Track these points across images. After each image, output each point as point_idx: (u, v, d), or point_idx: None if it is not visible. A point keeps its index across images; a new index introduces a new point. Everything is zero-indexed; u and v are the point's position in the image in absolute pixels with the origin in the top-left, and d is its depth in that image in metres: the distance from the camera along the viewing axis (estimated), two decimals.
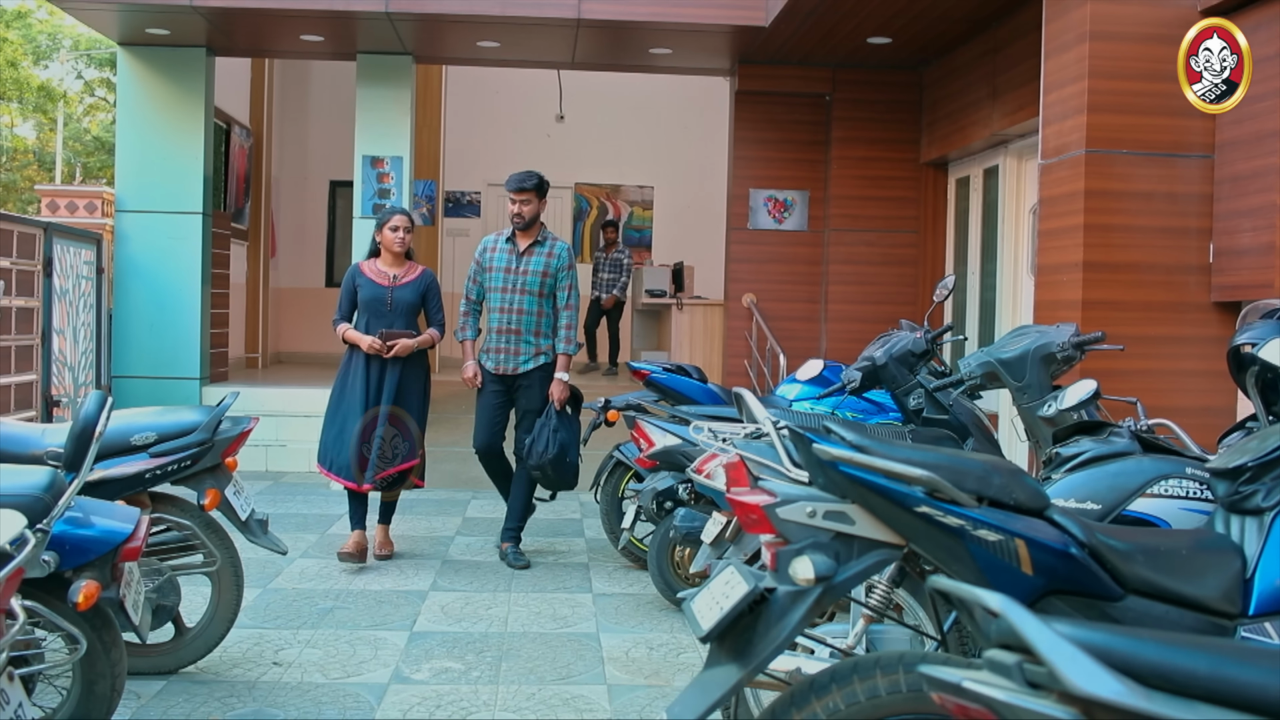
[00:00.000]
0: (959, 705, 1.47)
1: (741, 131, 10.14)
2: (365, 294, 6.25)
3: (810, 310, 10.11)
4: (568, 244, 6.57)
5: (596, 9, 8.70)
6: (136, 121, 9.82)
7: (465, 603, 5.57)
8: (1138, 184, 5.65)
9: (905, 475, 2.12)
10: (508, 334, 6.33)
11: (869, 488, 2.16)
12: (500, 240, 6.47)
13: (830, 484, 2.23)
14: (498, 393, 6.41)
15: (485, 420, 6.44)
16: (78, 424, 3.32)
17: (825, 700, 2.17)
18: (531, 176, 6.33)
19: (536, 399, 6.34)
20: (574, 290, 6.40)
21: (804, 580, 2.12)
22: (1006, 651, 1.49)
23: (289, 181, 14.07)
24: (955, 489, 2.12)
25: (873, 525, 2.21)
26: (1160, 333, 5.70)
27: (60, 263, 8.85)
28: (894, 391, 5.55)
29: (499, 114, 14.38)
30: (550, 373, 6.36)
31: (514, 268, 6.35)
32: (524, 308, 6.31)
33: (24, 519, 2.34)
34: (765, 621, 2.18)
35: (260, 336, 13.09)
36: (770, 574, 2.24)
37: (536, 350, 6.35)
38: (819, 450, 2.17)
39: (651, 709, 4.17)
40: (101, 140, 23.37)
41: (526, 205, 6.31)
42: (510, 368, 6.35)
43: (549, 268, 6.35)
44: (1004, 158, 8.71)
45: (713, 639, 2.17)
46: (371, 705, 4.13)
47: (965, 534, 2.12)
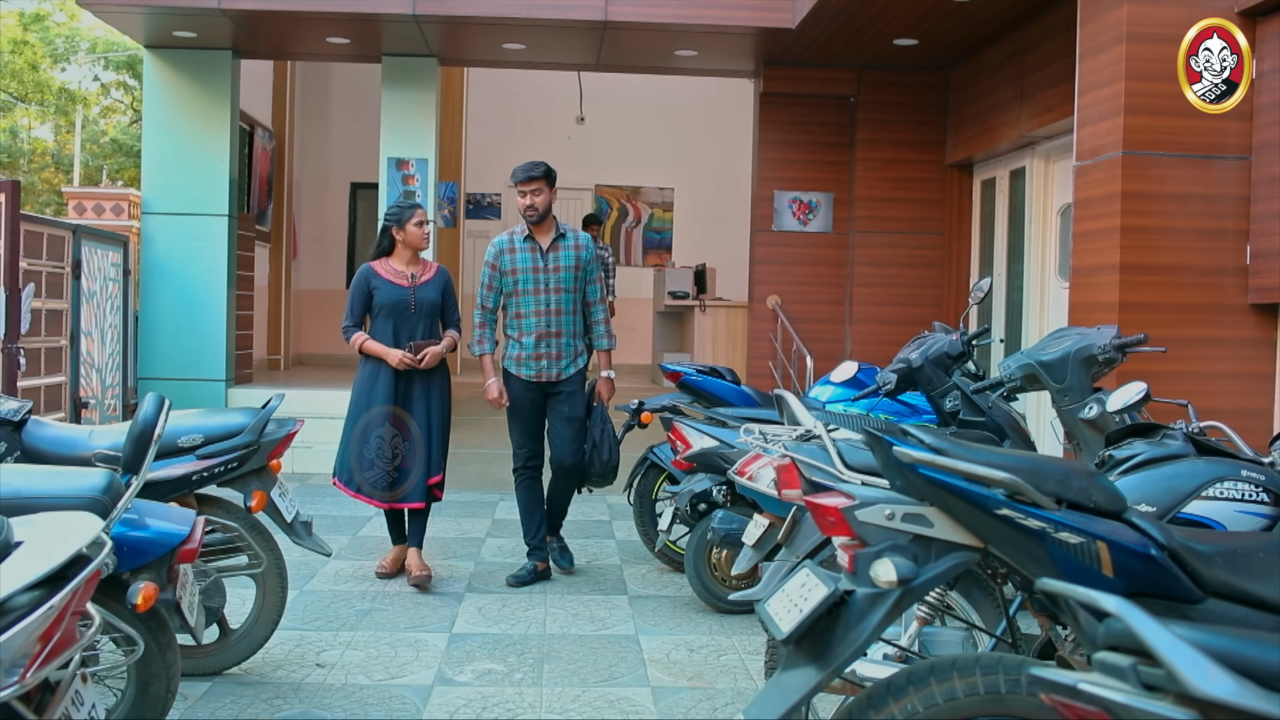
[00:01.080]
0: (1072, 707, 1.47)
1: (766, 133, 10.14)
2: (386, 297, 5.85)
3: (834, 312, 10.10)
4: (589, 236, 6.22)
5: (623, 11, 8.71)
6: (163, 124, 9.86)
7: (502, 604, 5.57)
8: (1174, 186, 5.64)
9: (987, 478, 2.12)
10: (549, 338, 5.90)
11: (949, 490, 2.16)
12: (517, 239, 5.99)
13: (908, 486, 2.23)
14: (534, 401, 5.99)
15: (529, 430, 6.06)
16: (136, 425, 3.34)
17: (903, 702, 2.17)
18: (539, 165, 5.90)
19: (580, 405, 6.01)
20: (604, 281, 6.13)
21: (885, 583, 2.12)
22: (1117, 653, 1.49)
23: (310, 183, 14.10)
24: (1036, 491, 2.11)
25: (951, 528, 2.21)
26: (1197, 335, 5.68)
27: (88, 265, 8.89)
28: (929, 393, 5.55)
29: (519, 116, 14.40)
30: (586, 376, 6.12)
31: (543, 266, 5.92)
32: (563, 307, 5.92)
33: (101, 521, 2.35)
34: (844, 624, 2.18)
35: (282, 338, 13.12)
36: (847, 576, 2.24)
37: (576, 352, 6.01)
38: (899, 453, 2.17)
39: (696, 711, 4.17)
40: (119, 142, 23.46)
41: (538, 195, 5.87)
42: (553, 374, 5.95)
43: (578, 261, 5.97)
44: (1031, 159, 8.69)
45: (792, 642, 2.17)
46: (418, 707, 4.14)
47: (1046, 536, 2.12)
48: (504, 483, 8.90)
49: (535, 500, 6.10)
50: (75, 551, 2.25)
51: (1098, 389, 4.56)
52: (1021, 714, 2.18)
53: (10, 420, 4.14)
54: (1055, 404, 4.69)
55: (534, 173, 5.85)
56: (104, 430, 4.24)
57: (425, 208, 10.14)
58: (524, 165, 5.90)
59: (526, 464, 6.07)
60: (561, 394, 5.98)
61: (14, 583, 2.16)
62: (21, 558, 2.24)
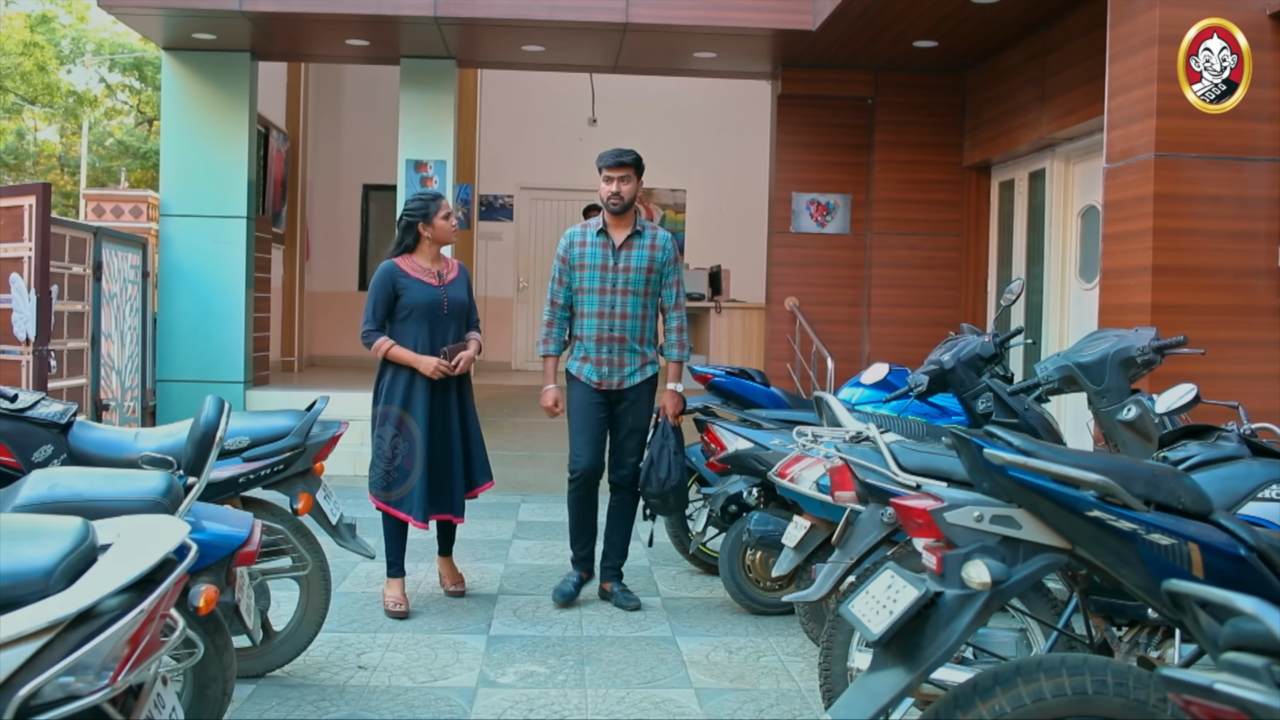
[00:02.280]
0: (1207, 707, 1.48)
1: (783, 135, 10.15)
2: (416, 297, 5.40)
3: (852, 314, 10.11)
4: (670, 234, 5.72)
5: (645, 13, 8.72)
6: (181, 126, 9.86)
7: (536, 606, 5.58)
8: (1206, 188, 5.65)
9: (1080, 480, 2.12)
10: (610, 343, 5.51)
11: (1039, 492, 2.17)
12: (589, 233, 5.57)
13: (996, 488, 2.23)
14: (600, 405, 5.57)
15: (589, 437, 5.56)
16: (198, 428, 3.34)
17: (991, 703, 2.18)
18: (630, 151, 5.52)
19: (643, 416, 5.59)
20: (682, 287, 5.63)
21: (979, 584, 2.13)
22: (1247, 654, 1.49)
23: (322, 185, 14.10)
24: (1128, 493, 2.12)
25: (1039, 529, 2.21)
26: (1228, 336, 5.69)
27: (109, 267, 8.89)
28: (961, 395, 5.56)
29: (531, 117, 14.40)
30: (656, 386, 5.67)
31: (611, 264, 5.50)
32: (627, 311, 5.49)
33: (187, 526, 2.36)
34: (933, 625, 2.19)
35: (296, 340, 13.12)
36: (933, 577, 2.25)
37: (643, 360, 5.56)
38: (990, 455, 2.18)
39: (743, 712, 4.18)
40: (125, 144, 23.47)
41: (625, 184, 5.45)
42: (615, 382, 5.54)
43: (653, 262, 5.52)
44: (1051, 161, 8.70)
45: (883, 643, 2.18)
46: (464, 709, 4.15)
47: (1137, 538, 2.13)
48: (525, 484, 8.92)
49: (586, 511, 5.69)
50: (164, 555, 2.26)
51: (1135, 390, 4.58)
52: (1108, 714, 2.19)
53: (57, 423, 4.15)
54: (1092, 406, 4.70)
55: (624, 158, 5.48)
56: (149, 433, 4.25)
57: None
58: (614, 150, 5.52)
59: (580, 474, 5.60)
60: (626, 403, 5.59)
61: (105, 587, 2.17)
62: (110, 561, 2.24)
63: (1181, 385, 3.95)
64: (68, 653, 2.12)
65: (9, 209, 6.91)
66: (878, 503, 3.63)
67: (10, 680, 2.09)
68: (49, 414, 4.15)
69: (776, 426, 5.55)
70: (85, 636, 2.14)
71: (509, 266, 14.59)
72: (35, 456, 4.11)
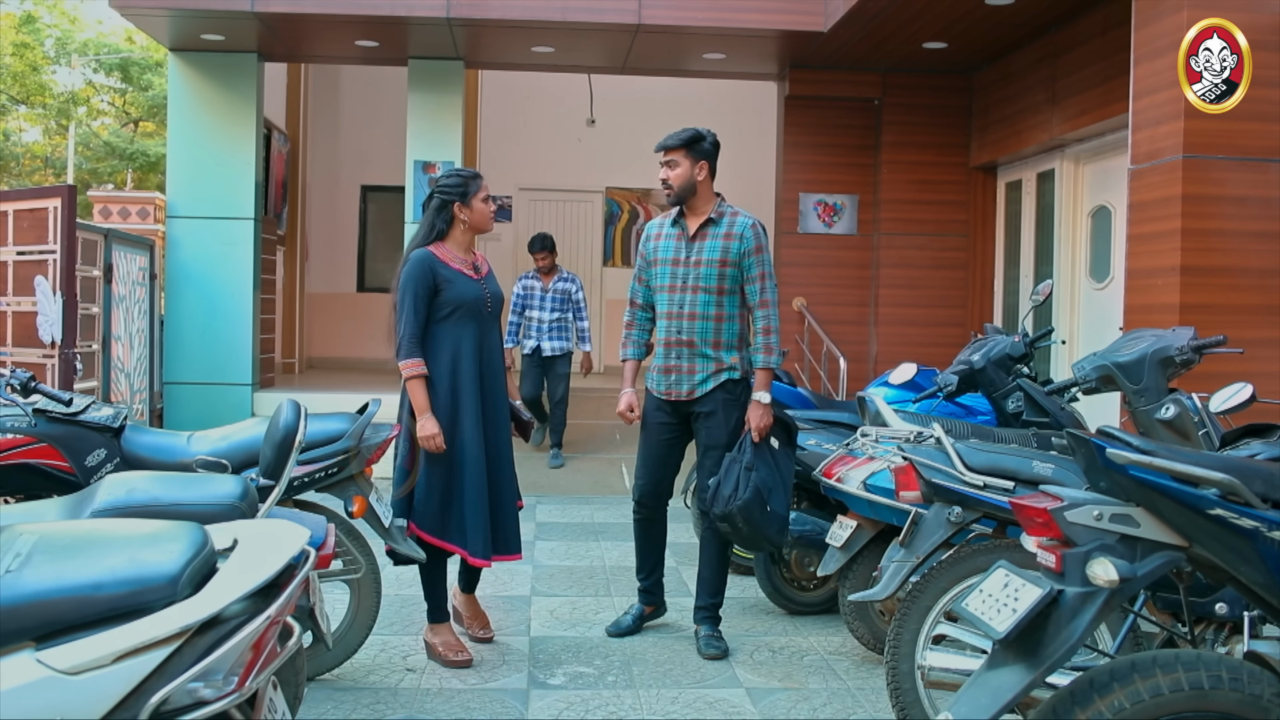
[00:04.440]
0: None
1: (791, 136, 10.19)
2: (459, 293, 4.53)
3: (860, 314, 10.16)
4: (754, 220, 4.93)
5: (657, 14, 8.74)
6: (188, 128, 9.82)
7: (572, 608, 5.58)
8: (1233, 188, 5.72)
9: (1203, 478, 2.15)
10: (678, 346, 4.82)
11: (1160, 491, 2.20)
12: (665, 224, 4.97)
13: (1114, 487, 2.26)
14: (667, 425, 4.93)
15: (648, 457, 5.00)
16: (277, 432, 3.34)
17: (1109, 699, 2.21)
18: (684, 131, 4.84)
19: (722, 431, 4.83)
20: (769, 280, 4.80)
21: (1107, 582, 2.16)
22: None
23: (321, 186, 14.05)
24: (1249, 492, 2.15)
25: (1157, 527, 2.24)
26: (1254, 336, 5.74)
27: (118, 269, 8.84)
28: (991, 394, 5.60)
29: (530, 118, 14.38)
30: (741, 396, 4.88)
31: (683, 258, 4.83)
32: (696, 310, 4.79)
33: (308, 532, 2.36)
34: (1055, 623, 2.21)
35: (297, 341, 13.07)
36: (1050, 575, 2.27)
37: (719, 365, 4.81)
38: (1114, 455, 2.21)
39: (797, 711, 4.20)
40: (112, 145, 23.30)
41: (674, 169, 4.81)
42: (684, 391, 4.84)
43: (729, 254, 4.78)
44: (1061, 161, 8.77)
45: (1009, 641, 2.20)
46: (520, 710, 4.15)
47: (1259, 536, 2.16)
48: (536, 485, 8.92)
49: (645, 540, 5.11)
50: (289, 560, 2.26)
51: (1173, 390, 4.62)
52: (1224, 710, 2.22)
53: (110, 426, 4.14)
54: (1129, 405, 4.74)
55: (669, 141, 4.84)
56: (201, 436, 4.24)
57: None
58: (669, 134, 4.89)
59: (641, 500, 5.05)
60: (699, 415, 4.87)
61: (234, 592, 2.17)
62: (235, 566, 2.24)
63: (1236, 385, 4.00)
64: (197, 658, 2.13)
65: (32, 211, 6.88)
66: (943, 502, 3.66)
67: (141, 686, 2.09)
68: (102, 418, 4.14)
69: (811, 426, 5.57)
70: (213, 642, 2.14)
71: (508, 268, 14.54)
72: (88, 461, 4.10)
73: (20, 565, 2.14)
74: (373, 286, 14.12)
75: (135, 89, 24.07)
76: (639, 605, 5.19)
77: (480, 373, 4.56)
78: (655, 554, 5.15)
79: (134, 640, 2.08)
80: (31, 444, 4.04)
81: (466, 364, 4.52)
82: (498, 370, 4.67)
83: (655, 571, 5.18)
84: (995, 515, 3.71)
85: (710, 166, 4.86)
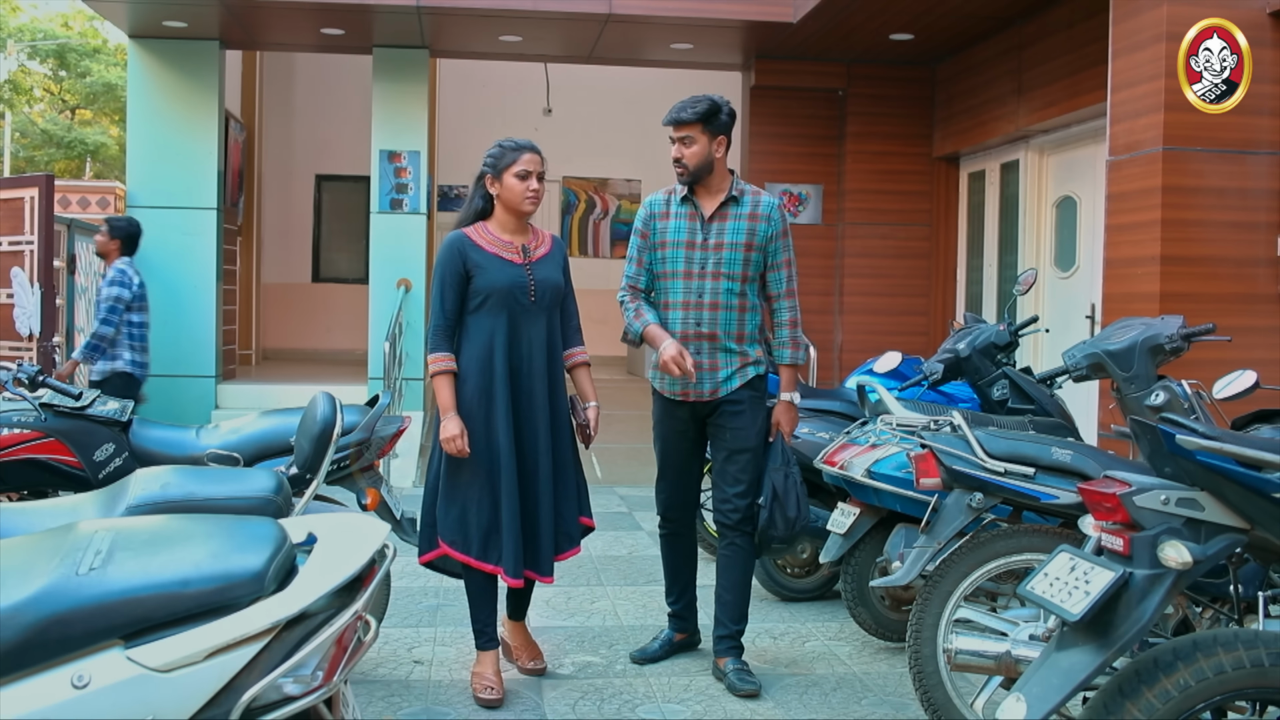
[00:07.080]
0: None
1: (756, 126, 10.24)
2: (495, 278, 4.05)
3: (825, 303, 10.24)
4: (778, 199, 4.62)
5: (629, 4, 8.73)
6: (148, 116, 9.65)
7: (567, 598, 5.60)
8: (1211, 180, 5.85)
9: (1269, 462, 2.23)
10: (697, 340, 4.29)
11: (1226, 475, 2.27)
12: (674, 202, 4.42)
13: (1180, 472, 2.33)
14: (686, 427, 4.43)
15: (672, 467, 4.52)
16: (314, 425, 3.32)
17: (1175, 676, 2.27)
18: (698, 102, 4.33)
19: (749, 432, 4.34)
20: (794, 268, 4.44)
21: (1179, 564, 2.22)
22: None
23: (275, 175, 13.87)
24: None
25: (1221, 511, 2.32)
26: (1231, 324, 5.87)
27: (80, 260, 8.68)
28: (976, 382, 5.70)
29: (487, 107, 14.30)
30: (764, 395, 4.46)
31: (699, 241, 4.31)
32: (719, 300, 4.29)
33: (387, 526, 2.35)
34: (1125, 604, 2.28)
35: (253, 333, 12.91)
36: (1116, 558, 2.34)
37: (744, 360, 4.34)
38: (1184, 441, 2.27)
39: (807, 696, 4.26)
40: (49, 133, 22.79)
41: (689, 145, 4.32)
42: (708, 391, 4.33)
43: (755, 236, 4.32)
44: (1025, 152, 8.90)
45: (1083, 623, 2.26)
46: (535, 701, 4.17)
47: None
48: None
49: (673, 557, 4.66)
50: (373, 555, 2.26)
51: (1162, 376, 4.73)
52: None
53: (118, 420, 4.09)
54: (1119, 392, 4.84)
55: (683, 114, 4.33)
56: (210, 429, 4.20)
57: (419, 202, 10.15)
58: (677, 104, 4.41)
59: (666, 515, 4.61)
60: (723, 415, 4.36)
61: (321, 587, 2.17)
62: (319, 562, 2.24)
63: (1239, 371, 4.09)
64: (285, 654, 2.12)
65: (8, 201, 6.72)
66: (964, 489, 3.73)
67: (232, 683, 2.08)
68: (109, 411, 4.09)
69: (804, 415, 5.62)
70: (301, 638, 2.14)
71: None
72: (97, 455, 4.05)
73: (103, 563, 2.11)
74: (328, 277, 13.99)
75: (72, 76, 23.57)
76: (669, 631, 4.70)
77: (513, 370, 4.07)
78: (686, 573, 4.66)
79: (226, 636, 2.07)
80: (39, 439, 3.98)
81: (499, 360, 4.03)
82: (538, 368, 4.12)
83: (687, 593, 4.68)
84: (1012, 501, 3.79)
85: (728, 141, 4.40)
